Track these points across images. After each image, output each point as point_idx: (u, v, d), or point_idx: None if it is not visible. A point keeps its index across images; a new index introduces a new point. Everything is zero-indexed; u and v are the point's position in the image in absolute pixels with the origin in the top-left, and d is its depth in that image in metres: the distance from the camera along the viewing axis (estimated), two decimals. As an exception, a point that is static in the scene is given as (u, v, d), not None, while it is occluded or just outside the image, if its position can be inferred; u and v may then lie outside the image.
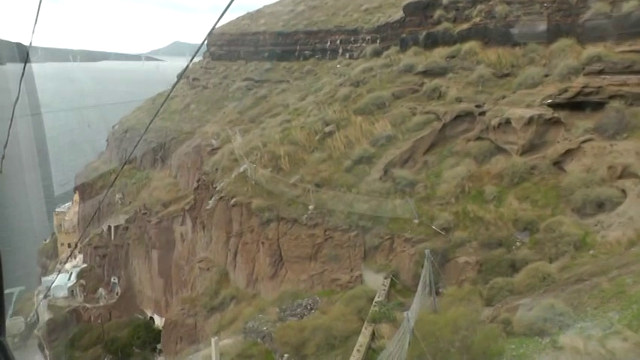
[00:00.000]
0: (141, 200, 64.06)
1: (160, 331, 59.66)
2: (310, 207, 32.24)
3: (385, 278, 28.87)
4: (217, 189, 38.66)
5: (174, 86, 41.31)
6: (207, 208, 38.32)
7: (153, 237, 58.73)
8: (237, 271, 35.57)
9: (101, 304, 63.77)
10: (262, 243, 33.55)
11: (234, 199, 36.17)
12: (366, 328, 23.95)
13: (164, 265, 58.30)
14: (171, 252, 57.77)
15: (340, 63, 64.70)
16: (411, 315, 18.32)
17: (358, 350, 21.85)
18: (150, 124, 9.93)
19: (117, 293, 64.21)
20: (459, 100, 35.47)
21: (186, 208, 55.77)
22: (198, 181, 45.18)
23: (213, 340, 25.53)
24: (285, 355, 26.68)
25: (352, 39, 64.62)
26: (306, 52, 70.19)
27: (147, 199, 62.59)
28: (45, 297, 65.88)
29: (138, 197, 65.63)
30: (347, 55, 64.71)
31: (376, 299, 26.77)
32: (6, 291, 3.43)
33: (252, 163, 37.68)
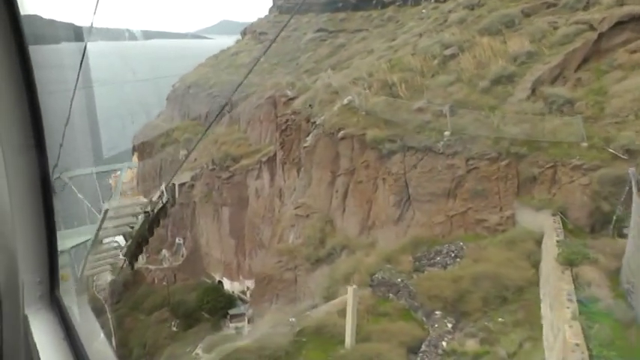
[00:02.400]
0: (208, 156, 59.18)
1: (230, 295, 55.13)
2: (446, 133, 26.25)
3: (554, 215, 22.68)
4: (317, 123, 32.98)
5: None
6: (306, 145, 32.67)
7: (224, 193, 53.79)
8: (346, 216, 29.92)
9: (165, 266, 59.44)
10: (383, 180, 27.74)
11: (342, 132, 30.43)
12: (563, 272, 17.84)
13: (236, 224, 53.29)
14: (243, 210, 52.73)
15: (425, 8, 58.32)
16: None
17: (569, 299, 15.76)
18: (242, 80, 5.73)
19: (182, 255, 59.74)
20: (620, 3, 28.94)
21: (263, 160, 50.58)
22: (285, 122, 39.63)
23: (350, 289, 19.99)
24: (438, 313, 20.90)
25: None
26: None
27: (215, 155, 57.65)
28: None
29: (204, 153, 60.77)
30: (431, -1, 58.04)
31: (557, 239, 20.62)
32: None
33: (359, 94, 31.87)
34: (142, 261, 61.22)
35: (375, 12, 65.37)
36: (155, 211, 17.41)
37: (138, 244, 20.46)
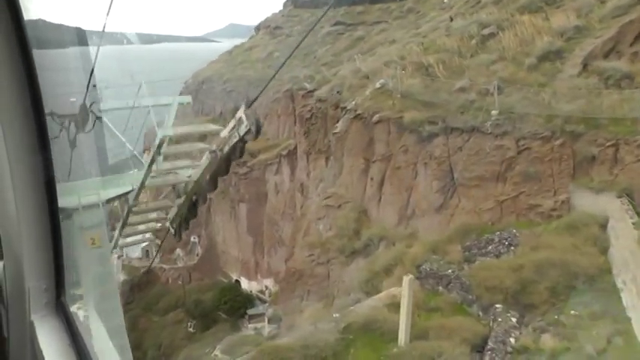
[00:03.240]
0: (224, 152, 57.23)
1: (248, 295, 53.09)
2: (494, 112, 24.21)
3: (619, 197, 20.56)
4: (348, 108, 30.98)
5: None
6: (335, 132, 30.66)
7: (241, 189, 51.84)
8: (382, 205, 27.88)
9: (179, 265, 57.50)
10: (424, 164, 25.69)
11: (376, 116, 28.43)
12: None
13: (253, 221, 51.29)
14: (262, 206, 50.73)
15: (447, -3, 56.29)
16: None
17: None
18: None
19: (197, 254, 57.80)
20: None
21: (283, 153, 48.63)
22: (310, 110, 37.65)
23: (406, 279, 17.95)
24: (498, 306, 18.82)
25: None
26: (403, -9, 62.25)
27: (231, 150, 55.68)
28: (119, 257, 60.16)
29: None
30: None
31: (632, 221, 18.52)
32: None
33: (393, 77, 29.89)
34: (155, 260, 59.47)
35: (394, 4, 63.59)
36: (228, 147, 12.56)
37: (192, 203, 16.34)
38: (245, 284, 53.63)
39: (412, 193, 26.46)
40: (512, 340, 16.67)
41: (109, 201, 14.28)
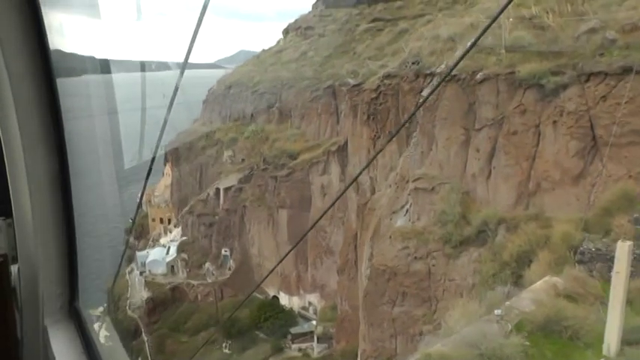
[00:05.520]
0: (258, 156, 52.24)
1: (290, 311, 47.34)
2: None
3: None
4: (438, 72, 25.88)
5: None
6: (423, 102, 25.46)
7: (281, 193, 46.54)
8: (492, 182, 22.51)
9: (209, 280, 51.82)
10: (554, 123, 20.37)
11: (480, 74, 23.29)
12: None
13: (295, 229, 45.73)
14: (305, 211, 45.36)
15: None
16: None
17: None
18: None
19: (229, 268, 52.16)
20: None
21: (332, 149, 43.57)
22: (376, 90, 32.49)
23: (623, 244, 12.11)
24: None
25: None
26: (446, -18, 57.82)
27: (267, 153, 50.67)
28: (141, 273, 54.73)
29: (253, 153, 53.88)
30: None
31: None
32: None
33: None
34: (182, 276, 54.01)
35: (437, -5, 59.12)
36: None
37: None
38: (285, 300, 47.96)
39: (535, 163, 21.08)
40: None
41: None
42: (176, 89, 3.18)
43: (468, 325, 14.06)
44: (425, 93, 25.84)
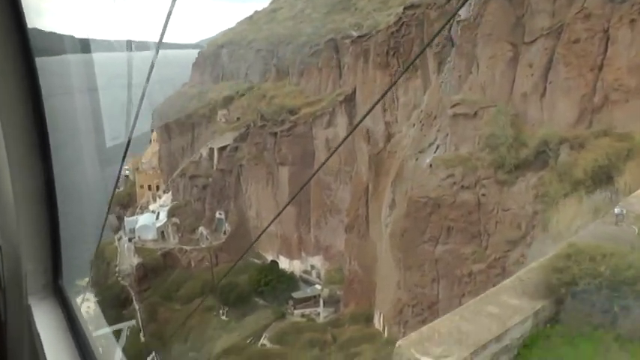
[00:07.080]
0: (255, 113, 49.02)
1: (291, 276, 44.50)
2: None
3: None
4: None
5: None
6: (461, 19, 22.48)
7: (282, 149, 43.47)
8: (547, 100, 19.74)
9: (203, 245, 48.71)
10: (631, 23, 17.58)
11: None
12: None
13: (297, 187, 42.80)
14: (308, 168, 42.26)
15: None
16: None
17: None
18: None
19: (224, 232, 49.07)
20: None
21: (340, 99, 40.54)
22: (398, 22, 29.51)
23: None
24: None
25: None
26: None
27: (265, 110, 47.47)
28: (130, 240, 51.42)
29: (249, 111, 50.68)
30: None
31: None
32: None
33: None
34: (173, 241, 50.86)
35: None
36: None
37: None
38: (284, 264, 45.07)
39: (601, 73, 18.32)
40: None
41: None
42: (152, 67, 2.97)
43: (581, 228, 11.36)
44: (462, 12, 22.85)
